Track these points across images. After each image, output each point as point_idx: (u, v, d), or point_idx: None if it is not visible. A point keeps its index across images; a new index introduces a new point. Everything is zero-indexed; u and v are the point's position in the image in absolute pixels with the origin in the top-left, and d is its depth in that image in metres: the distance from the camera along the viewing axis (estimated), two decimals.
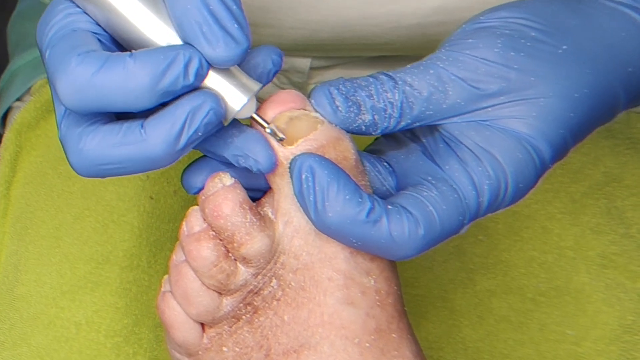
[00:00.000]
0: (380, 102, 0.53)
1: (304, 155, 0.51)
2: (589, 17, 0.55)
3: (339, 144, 0.53)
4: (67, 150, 0.51)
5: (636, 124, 0.76)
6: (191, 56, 0.49)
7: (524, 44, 0.53)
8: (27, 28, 0.84)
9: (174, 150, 0.50)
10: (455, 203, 0.52)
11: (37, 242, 0.72)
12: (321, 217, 0.50)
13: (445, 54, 0.53)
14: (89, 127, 0.50)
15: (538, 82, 0.53)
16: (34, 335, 0.69)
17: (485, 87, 0.53)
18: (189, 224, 0.55)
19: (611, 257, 0.72)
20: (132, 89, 0.48)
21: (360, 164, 0.54)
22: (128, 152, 0.50)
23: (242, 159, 0.53)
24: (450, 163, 0.53)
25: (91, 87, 0.48)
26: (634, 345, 0.69)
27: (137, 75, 0.48)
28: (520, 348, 0.69)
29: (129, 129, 0.50)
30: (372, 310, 0.53)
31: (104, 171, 0.50)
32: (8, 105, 0.81)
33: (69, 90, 0.49)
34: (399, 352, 0.54)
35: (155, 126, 0.50)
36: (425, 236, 0.51)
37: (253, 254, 0.53)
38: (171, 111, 0.50)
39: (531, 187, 0.54)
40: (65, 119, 0.51)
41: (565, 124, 0.53)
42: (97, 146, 0.50)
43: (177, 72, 0.49)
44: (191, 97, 0.50)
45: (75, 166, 0.51)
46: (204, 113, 0.50)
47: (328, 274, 0.53)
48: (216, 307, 0.54)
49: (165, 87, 0.49)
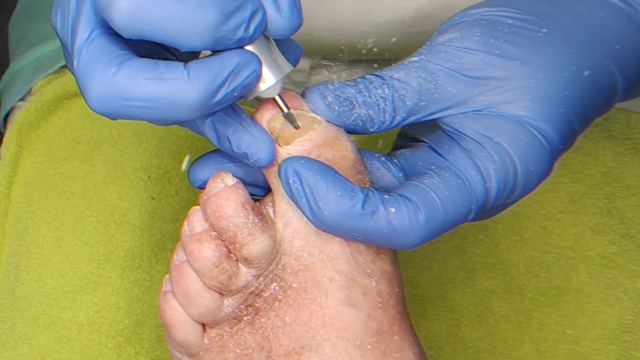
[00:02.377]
0: (372, 97, 0.53)
1: (287, 160, 0.51)
2: (564, 4, 0.56)
3: (336, 143, 0.53)
4: (88, 79, 0.48)
5: (636, 124, 0.76)
6: (258, 8, 0.48)
7: (502, 31, 0.54)
8: (28, 27, 0.83)
9: (209, 101, 0.48)
10: (459, 188, 0.52)
11: (38, 242, 0.72)
12: (318, 216, 0.51)
13: (427, 49, 0.54)
14: (121, 57, 0.48)
15: (524, 65, 0.53)
16: (35, 335, 0.69)
17: (473, 74, 0.53)
18: (190, 224, 0.55)
19: (611, 257, 0.72)
20: (198, 24, 0.47)
21: (361, 164, 0.54)
22: (162, 90, 0.48)
23: (245, 142, 0.52)
24: (454, 153, 0.53)
25: (157, 9, 0.46)
26: (633, 344, 0.69)
27: (207, 9, 0.47)
28: (520, 347, 0.70)
29: (169, 66, 0.48)
30: (373, 312, 0.53)
31: (126, 109, 0.48)
32: (10, 105, 0.81)
33: (131, 5, 0.46)
34: (401, 354, 0.54)
35: (200, 70, 0.48)
36: (428, 222, 0.51)
37: (255, 255, 0.53)
38: (219, 60, 0.48)
39: (546, 171, 0.53)
40: (90, 44, 0.49)
41: (563, 102, 0.53)
42: (131, 76, 0.48)
43: (242, 19, 0.48)
44: (239, 53, 0.49)
45: (95, 97, 0.48)
46: (248, 72, 0.49)
47: (329, 274, 0.53)
48: (217, 307, 0.54)
49: (227, 30, 0.47)
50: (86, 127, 0.76)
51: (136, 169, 0.74)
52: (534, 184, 0.53)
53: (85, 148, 0.75)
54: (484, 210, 0.54)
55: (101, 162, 0.74)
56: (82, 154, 0.74)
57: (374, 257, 0.54)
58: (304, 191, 0.51)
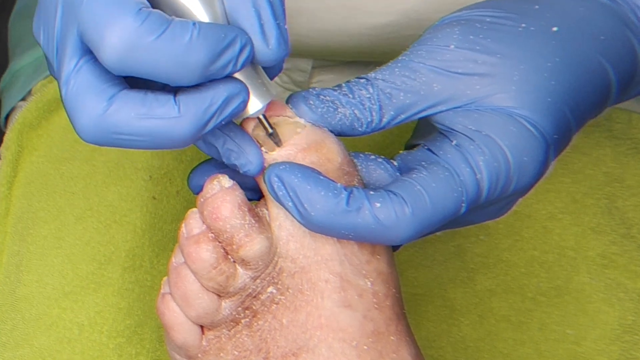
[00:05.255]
0: (356, 98, 0.53)
1: (270, 167, 0.52)
2: (543, 1, 0.56)
3: (321, 146, 0.53)
4: (78, 111, 0.48)
5: (637, 124, 0.76)
6: (246, 43, 0.49)
7: (480, 28, 0.54)
8: (28, 27, 0.83)
9: (200, 133, 0.49)
10: (446, 180, 0.52)
11: (39, 243, 0.72)
12: (306, 217, 0.51)
13: (409, 51, 0.55)
14: (111, 89, 0.48)
15: (505, 59, 0.53)
16: (36, 336, 0.69)
17: (455, 70, 0.53)
18: (188, 226, 0.55)
19: (612, 257, 0.72)
20: (189, 65, 0.47)
21: (349, 165, 0.54)
22: (153, 126, 0.48)
23: (234, 154, 0.53)
24: (444, 148, 0.54)
25: (147, 52, 0.46)
26: (633, 345, 0.69)
27: (198, 51, 0.47)
28: (520, 347, 0.70)
29: (158, 100, 0.48)
30: (369, 313, 0.53)
31: (116, 141, 0.48)
32: (11, 105, 0.81)
33: (120, 46, 0.46)
34: (398, 355, 0.54)
35: (191, 105, 0.48)
36: (415, 214, 0.51)
37: (252, 256, 0.53)
38: (209, 93, 0.49)
39: (541, 160, 0.53)
40: (78, 74, 0.48)
41: (549, 91, 0.53)
42: (121, 112, 0.48)
43: (232, 55, 0.48)
44: (228, 84, 0.49)
45: (84, 129, 0.48)
46: (237, 103, 0.50)
47: (325, 276, 0.53)
48: (215, 309, 0.55)
49: (217, 67, 0.48)
50: None
51: (137, 169, 0.74)
52: (530, 175, 0.53)
53: (86, 148, 0.75)
54: (483, 206, 0.54)
55: (102, 163, 0.74)
56: (83, 154, 0.75)
57: (369, 258, 0.54)
58: (289, 195, 0.51)
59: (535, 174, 0.53)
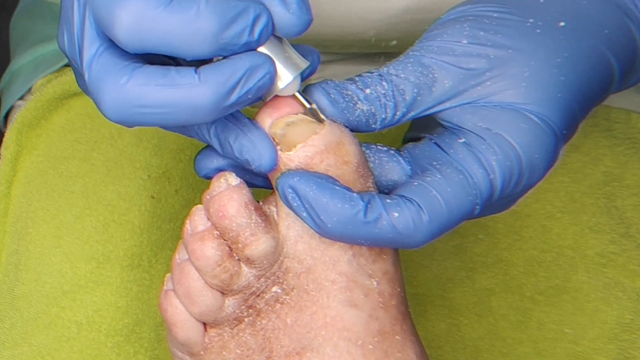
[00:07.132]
0: (373, 93, 0.53)
1: (282, 177, 0.51)
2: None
3: (339, 148, 0.52)
4: (100, 90, 0.49)
5: (636, 124, 0.76)
6: (261, 12, 0.48)
7: (489, 24, 0.54)
8: (29, 27, 0.83)
9: (222, 104, 0.48)
10: (461, 184, 0.52)
11: (37, 242, 0.72)
12: (322, 228, 0.51)
13: (419, 45, 0.54)
14: (132, 66, 0.48)
15: (516, 54, 0.53)
16: (35, 334, 0.69)
17: (467, 66, 0.53)
18: (192, 223, 0.54)
19: (610, 256, 0.72)
20: (198, 34, 0.47)
21: (364, 166, 0.53)
22: (174, 96, 0.48)
23: (246, 149, 0.52)
24: (455, 147, 0.53)
25: (156, 23, 0.47)
26: (632, 343, 0.69)
27: (206, 19, 0.47)
28: (519, 346, 0.70)
29: (179, 72, 0.48)
30: (375, 312, 0.53)
31: (140, 115, 0.48)
32: (10, 104, 0.81)
33: (131, 20, 0.47)
34: (403, 354, 0.54)
35: (211, 74, 0.48)
36: (431, 221, 0.51)
37: (257, 255, 0.53)
38: (230, 63, 0.49)
39: (552, 157, 0.53)
40: (99, 58, 0.49)
41: (560, 87, 0.53)
42: (142, 84, 0.48)
43: (244, 24, 0.48)
44: (251, 55, 0.49)
45: (109, 106, 0.48)
46: (261, 74, 0.49)
47: (331, 277, 0.53)
48: (219, 306, 0.54)
49: (230, 36, 0.48)
50: (86, 127, 0.75)
51: (136, 168, 0.74)
52: (540, 172, 0.53)
53: (85, 147, 0.75)
54: (492, 203, 0.54)
55: (101, 162, 0.74)
56: (82, 153, 0.74)
57: (375, 258, 0.54)
58: (304, 206, 0.51)
59: (546, 169, 0.53)
